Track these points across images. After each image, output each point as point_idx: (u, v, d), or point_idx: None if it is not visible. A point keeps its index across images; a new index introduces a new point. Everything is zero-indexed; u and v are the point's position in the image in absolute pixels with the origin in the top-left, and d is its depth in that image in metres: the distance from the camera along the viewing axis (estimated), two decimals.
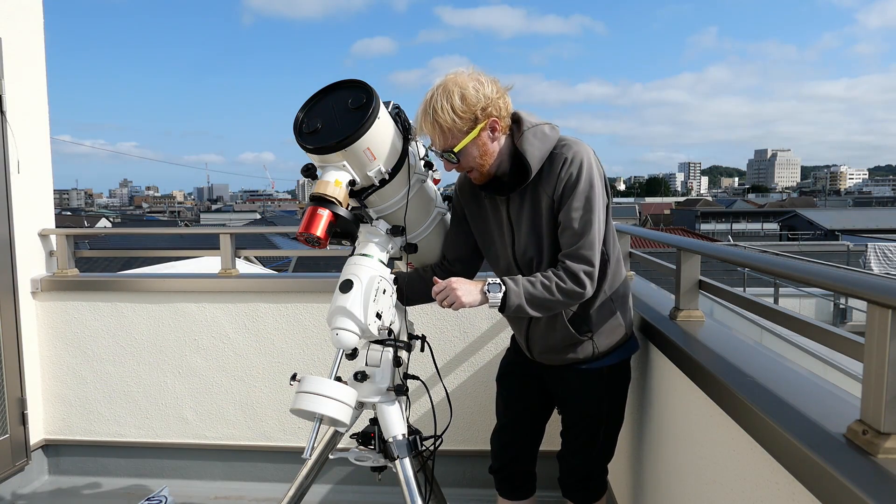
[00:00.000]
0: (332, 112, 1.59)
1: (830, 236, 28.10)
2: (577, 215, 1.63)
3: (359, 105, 1.57)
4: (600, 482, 1.96)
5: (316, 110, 1.61)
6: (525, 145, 1.65)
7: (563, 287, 1.62)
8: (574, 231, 1.63)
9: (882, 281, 0.96)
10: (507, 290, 1.60)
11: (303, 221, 1.54)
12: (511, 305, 1.60)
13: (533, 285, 1.62)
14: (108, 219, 47.04)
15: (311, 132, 1.57)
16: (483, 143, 1.63)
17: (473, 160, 1.64)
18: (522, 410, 1.99)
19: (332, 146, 1.52)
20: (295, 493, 1.85)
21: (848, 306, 10.41)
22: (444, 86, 1.59)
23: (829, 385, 1.25)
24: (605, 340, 1.79)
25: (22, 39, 3.02)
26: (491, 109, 1.60)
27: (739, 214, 46.71)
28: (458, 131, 1.59)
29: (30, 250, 3.10)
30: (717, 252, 1.76)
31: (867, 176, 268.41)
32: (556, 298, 1.62)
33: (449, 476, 2.31)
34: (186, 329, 3.05)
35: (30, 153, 3.06)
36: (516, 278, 1.63)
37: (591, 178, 1.65)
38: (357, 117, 1.54)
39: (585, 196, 1.64)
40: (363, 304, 1.63)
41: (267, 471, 3.09)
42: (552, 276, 1.63)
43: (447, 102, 1.56)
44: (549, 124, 1.71)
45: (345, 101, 1.59)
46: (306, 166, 1.61)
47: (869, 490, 0.85)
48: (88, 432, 3.15)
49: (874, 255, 15.31)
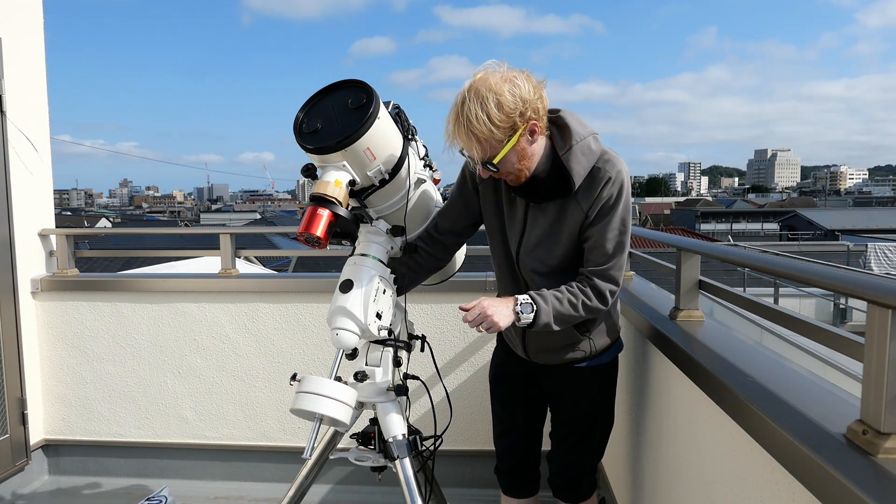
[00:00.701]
0: (332, 112, 1.58)
1: (830, 236, 28.10)
2: (612, 236, 1.62)
3: (359, 105, 1.56)
4: (591, 480, 1.97)
5: (316, 110, 1.60)
6: (572, 163, 1.58)
7: (589, 305, 1.63)
8: (607, 251, 1.63)
9: (882, 281, 0.96)
10: (539, 310, 1.59)
11: (303, 221, 1.53)
12: (540, 324, 1.60)
13: (560, 303, 1.61)
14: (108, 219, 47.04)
15: (311, 132, 1.56)
16: (522, 149, 1.54)
17: (513, 166, 1.56)
18: (523, 412, 1.99)
19: (332, 146, 1.51)
20: (295, 493, 1.85)
21: (848, 306, 10.41)
22: (476, 90, 1.47)
23: (829, 385, 1.25)
24: (600, 340, 1.81)
25: (22, 39, 3.02)
26: (530, 113, 1.50)
27: (739, 214, 46.73)
28: (496, 141, 1.50)
29: (30, 250, 3.10)
30: (717, 252, 1.76)
31: (867, 176, 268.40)
32: (579, 315, 1.64)
33: (449, 476, 2.31)
34: (186, 329, 3.05)
35: (30, 153, 3.06)
36: (544, 295, 1.61)
37: (629, 202, 1.65)
38: (357, 117, 1.54)
39: (621, 218, 1.63)
40: (363, 304, 1.62)
41: (267, 471, 3.09)
42: (579, 293, 1.63)
43: (482, 112, 1.45)
44: (593, 135, 1.64)
45: (345, 101, 1.58)
46: (306, 166, 1.60)
47: (869, 490, 0.85)
48: (88, 432, 3.15)
49: (874, 255, 15.31)
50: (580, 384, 1.85)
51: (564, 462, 1.93)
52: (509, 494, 2.04)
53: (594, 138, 1.63)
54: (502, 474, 2.03)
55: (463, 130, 1.48)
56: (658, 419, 1.90)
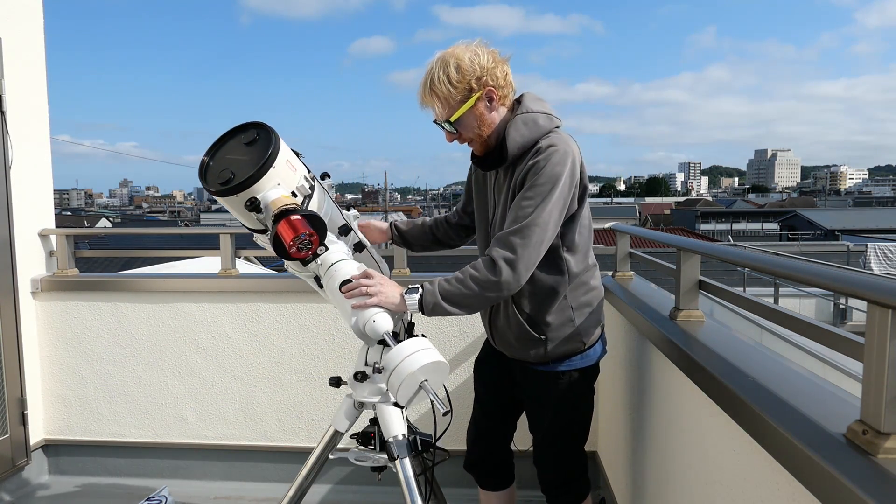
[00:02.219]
0: (235, 155, 1.61)
1: (830, 236, 28.09)
2: (525, 203, 1.59)
3: (252, 139, 1.60)
4: (582, 483, 1.94)
5: (218, 161, 1.61)
6: (510, 129, 1.67)
7: (477, 277, 1.57)
8: (515, 217, 1.59)
9: (882, 281, 0.96)
10: (423, 292, 1.58)
11: (286, 233, 1.50)
12: (427, 304, 1.58)
13: (448, 282, 1.60)
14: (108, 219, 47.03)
15: (226, 181, 1.55)
16: (481, 113, 1.67)
17: (472, 130, 1.68)
18: (494, 402, 2.03)
19: (263, 165, 1.52)
20: (295, 493, 1.85)
21: (848, 306, 10.41)
22: (441, 57, 1.64)
23: (829, 385, 1.25)
24: (557, 346, 1.77)
25: (22, 39, 3.02)
26: (486, 78, 1.63)
27: (739, 214, 46.72)
28: (454, 101, 1.64)
29: (30, 250, 3.10)
30: (717, 252, 1.76)
31: (867, 176, 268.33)
32: (471, 291, 1.58)
33: (449, 476, 2.30)
34: (186, 329, 3.05)
35: (30, 153, 3.06)
36: (434, 280, 1.62)
37: (556, 176, 1.59)
38: (262, 142, 1.58)
39: (540, 189, 1.59)
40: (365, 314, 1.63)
41: (267, 471, 3.09)
42: (467, 268, 1.61)
43: (443, 73, 1.61)
44: (546, 115, 1.70)
45: (239, 143, 1.62)
46: (249, 200, 1.54)
47: (869, 490, 0.85)
48: (88, 432, 3.15)
49: (874, 255, 15.31)
50: (538, 388, 1.85)
51: (546, 472, 1.93)
52: (485, 488, 2.09)
53: (546, 117, 1.70)
54: (472, 467, 2.08)
55: (427, 90, 1.65)
56: (658, 419, 1.90)
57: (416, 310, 1.59)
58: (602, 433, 2.85)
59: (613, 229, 2.78)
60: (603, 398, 2.77)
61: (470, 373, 2.91)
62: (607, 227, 2.93)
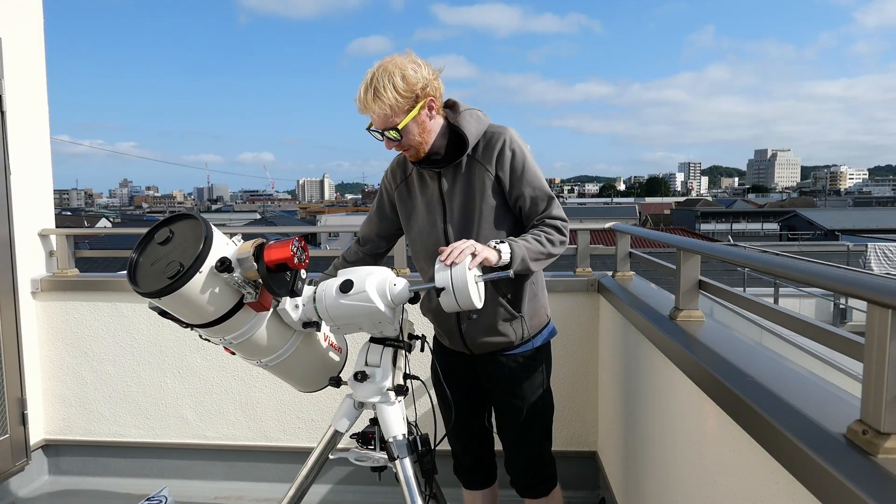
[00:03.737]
0: (161, 257, 1.49)
1: (830, 236, 28.09)
2: (536, 184, 1.83)
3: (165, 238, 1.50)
4: (552, 468, 2.04)
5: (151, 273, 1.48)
6: (463, 122, 1.82)
7: (553, 237, 1.78)
8: (539, 197, 1.83)
9: (882, 281, 0.96)
10: (513, 248, 1.69)
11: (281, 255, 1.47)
12: (517, 256, 1.69)
13: (528, 241, 1.74)
14: (108, 219, 47.03)
15: (175, 273, 1.42)
16: (423, 121, 1.76)
17: (413, 138, 1.76)
18: (471, 408, 2.05)
19: (207, 235, 1.44)
20: (295, 493, 1.85)
21: (848, 306, 10.41)
22: (383, 67, 1.71)
23: (829, 385, 1.25)
24: (531, 321, 1.92)
25: (22, 39, 3.02)
26: (429, 89, 1.74)
27: (739, 214, 46.72)
28: (399, 110, 1.71)
29: (30, 250, 3.10)
30: (717, 252, 1.76)
31: (867, 176, 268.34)
32: (547, 248, 1.76)
33: (449, 476, 2.31)
34: (186, 329, 3.04)
35: (30, 153, 3.06)
36: (513, 238, 1.74)
37: (529, 154, 1.86)
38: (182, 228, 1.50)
39: (534, 171, 1.84)
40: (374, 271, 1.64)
41: (267, 471, 3.09)
42: (539, 230, 1.79)
43: (389, 82, 1.67)
44: (481, 111, 1.89)
45: (154, 247, 1.51)
46: (220, 260, 1.45)
47: (869, 490, 0.85)
48: (88, 432, 3.15)
49: (874, 255, 15.31)
50: (515, 372, 1.92)
51: (521, 465, 1.99)
52: (471, 488, 2.15)
53: (482, 113, 1.89)
54: (462, 472, 2.14)
55: (371, 97, 1.69)
56: (658, 419, 1.90)
57: (507, 261, 1.67)
58: (602, 433, 2.85)
59: (613, 229, 2.78)
60: (603, 398, 2.77)
61: None
62: (607, 227, 2.93)
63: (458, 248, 1.58)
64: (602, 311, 2.80)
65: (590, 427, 2.92)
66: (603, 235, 3.42)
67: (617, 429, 2.49)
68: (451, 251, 1.57)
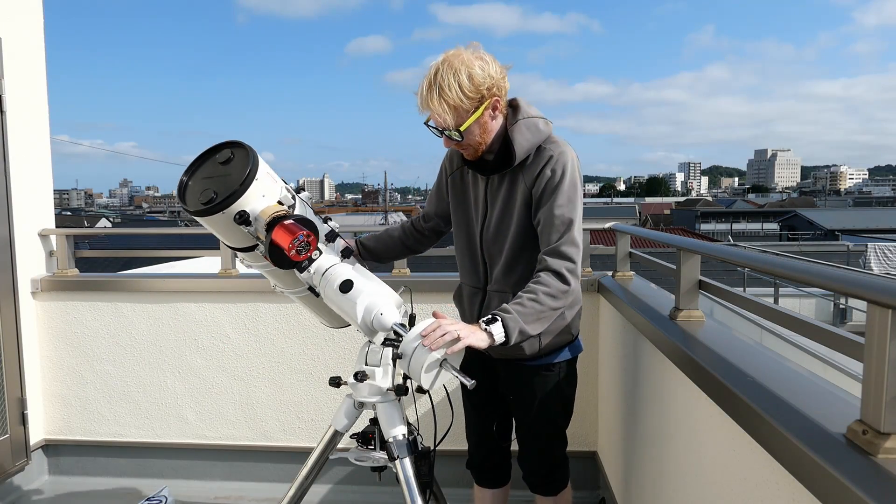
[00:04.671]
0: (214, 174, 1.59)
1: (830, 236, 28.09)
2: (560, 212, 1.68)
3: (228, 158, 1.59)
4: (564, 469, 2.03)
5: (196, 181, 1.60)
6: (516, 134, 1.71)
7: (551, 292, 1.62)
8: (556, 228, 1.67)
9: (882, 281, 0.96)
10: (505, 319, 1.56)
11: (282, 238, 1.49)
12: (511, 331, 1.56)
13: (521, 304, 1.60)
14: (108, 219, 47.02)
15: (208, 201, 1.53)
16: (485, 122, 1.68)
17: (474, 138, 1.69)
18: (490, 407, 2.05)
19: (246, 178, 1.51)
20: (295, 493, 1.85)
21: (848, 306, 10.41)
22: (448, 63, 1.61)
23: (829, 385, 1.25)
24: (550, 339, 1.84)
25: (22, 39, 3.02)
26: (495, 89, 1.65)
27: (739, 214, 46.73)
28: (463, 111, 1.63)
29: (30, 250, 3.10)
30: (717, 252, 1.76)
31: (867, 176, 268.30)
32: (545, 307, 1.62)
33: (449, 476, 2.31)
34: (186, 329, 3.05)
35: (30, 153, 3.06)
36: (504, 307, 1.60)
37: (574, 180, 1.71)
38: (239, 158, 1.57)
39: (568, 196, 1.69)
40: (374, 283, 1.66)
41: (267, 471, 3.09)
42: (533, 286, 1.63)
43: (454, 80, 1.59)
44: (543, 119, 1.76)
45: (214, 164, 1.60)
46: (240, 213, 1.53)
47: (869, 490, 0.85)
48: (88, 432, 3.15)
49: (874, 255, 15.32)
50: (531, 383, 1.90)
51: (533, 464, 1.99)
52: (482, 485, 2.13)
53: (545, 122, 1.76)
54: (473, 468, 2.12)
55: (435, 97, 1.60)
56: (658, 419, 1.90)
57: (503, 339, 1.56)
58: (602, 433, 2.85)
59: (613, 229, 2.78)
60: (603, 398, 2.77)
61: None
62: (607, 227, 2.93)
63: (441, 331, 1.49)
64: (602, 311, 2.80)
65: (590, 427, 2.92)
66: (603, 235, 3.42)
67: (617, 429, 2.49)
68: (433, 333, 1.48)
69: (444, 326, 1.51)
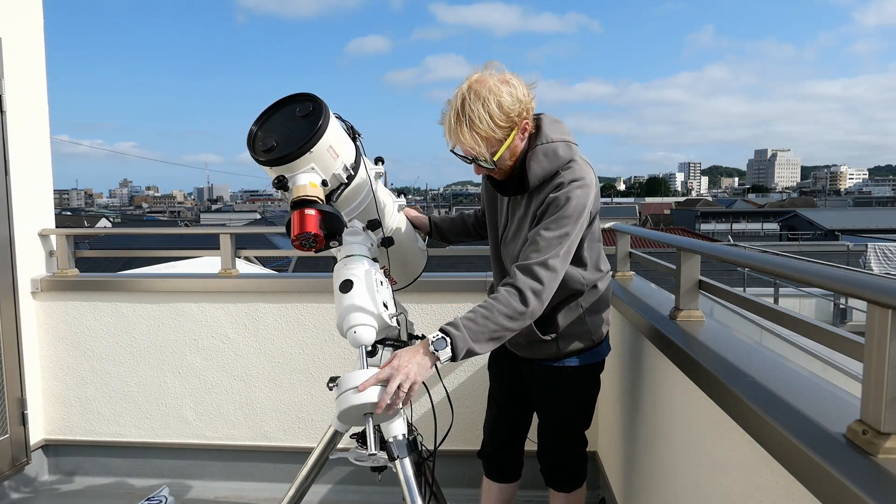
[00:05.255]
0: (285, 126, 1.59)
1: (830, 236, 28.09)
2: (548, 235, 1.60)
3: (307, 112, 1.58)
4: (581, 469, 2.03)
5: (267, 128, 1.61)
6: (532, 161, 1.67)
7: (505, 310, 1.53)
8: (538, 248, 1.59)
9: (882, 281, 0.96)
10: (453, 339, 1.49)
11: (294, 225, 1.52)
12: (459, 352, 1.49)
13: (474, 321, 1.52)
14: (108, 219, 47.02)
15: (268, 150, 1.55)
16: (515, 146, 1.66)
17: (505, 163, 1.67)
18: (509, 399, 2.07)
19: (299, 149, 1.51)
20: (295, 493, 1.85)
21: (848, 306, 10.41)
22: (476, 91, 1.56)
23: (829, 385, 1.25)
24: (568, 344, 1.84)
25: (22, 39, 3.02)
26: (525, 113, 1.62)
27: (739, 214, 46.71)
28: (496, 140, 1.60)
29: (30, 250, 3.10)
30: (717, 252, 1.76)
31: (867, 176, 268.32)
32: (500, 325, 1.53)
33: (449, 476, 2.31)
34: (186, 329, 3.05)
35: (30, 153, 3.06)
36: (456, 322, 1.53)
37: (580, 210, 1.63)
38: (312, 119, 1.55)
39: (562, 223, 1.61)
40: (370, 296, 1.62)
41: (267, 471, 3.09)
42: (492, 302, 1.55)
43: (484, 111, 1.54)
44: (565, 143, 1.69)
45: (292, 113, 1.60)
46: (277, 178, 1.55)
47: (869, 490, 0.85)
48: (88, 432, 3.15)
49: (874, 255, 15.33)
50: (548, 382, 1.90)
51: (550, 460, 2.00)
52: (491, 478, 2.13)
53: (565, 146, 1.69)
54: (484, 457, 2.13)
55: (466, 130, 1.56)
56: (658, 419, 1.90)
57: (451, 361, 1.51)
58: (602, 433, 2.85)
59: (613, 229, 2.78)
60: (603, 398, 2.77)
61: (470, 373, 2.92)
62: (607, 227, 2.93)
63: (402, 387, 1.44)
64: None
65: (590, 427, 2.92)
66: (603, 235, 3.42)
67: (617, 429, 2.49)
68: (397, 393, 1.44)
69: (391, 386, 1.44)
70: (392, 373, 1.46)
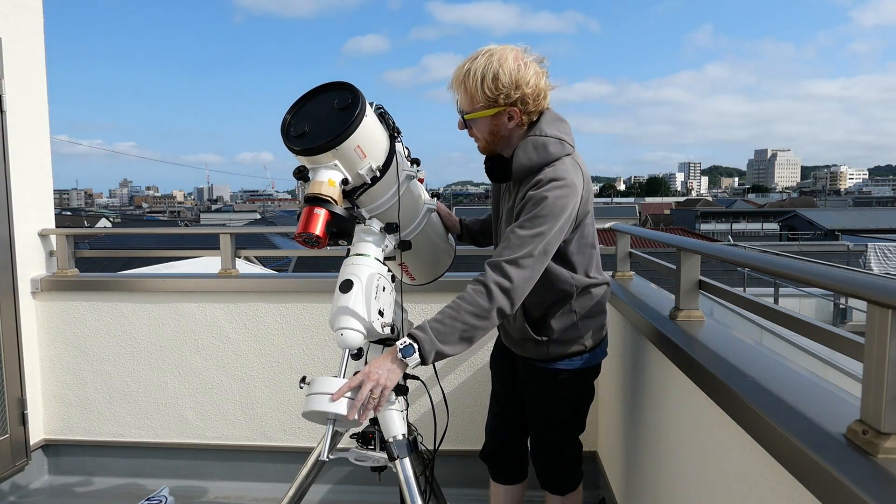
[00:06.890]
0: (319, 114, 1.58)
1: (830, 236, 28.09)
2: (522, 233, 1.57)
3: (345, 105, 1.56)
4: (574, 473, 2.02)
5: (303, 113, 1.60)
6: (520, 150, 1.68)
7: (471, 309, 1.51)
8: (511, 245, 1.57)
9: (882, 281, 0.96)
10: (420, 343, 1.49)
11: (300, 222, 1.53)
12: (428, 356, 1.49)
13: (441, 322, 1.51)
14: (108, 219, 47.02)
15: (299, 135, 1.56)
16: (495, 125, 1.68)
17: (481, 132, 1.71)
18: (507, 397, 2.06)
19: (322, 146, 1.51)
20: (295, 493, 1.85)
21: (848, 306, 10.41)
22: (491, 53, 1.61)
23: (829, 385, 1.25)
24: (559, 347, 1.83)
25: (22, 39, 3.02)
26: (518, 102, 1.63)
27: (739, 214, 46.73)
28: (476, 101, 1.64)
29: (30, 250, 3.10)
30: (717, 252, 1.76)
31: (867, 176, 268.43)
32: (468, 324, 1.51)
33: (449, 476, 2.31)
34: (186, 329, 3.05)
35: (30, 153, 3.06)
36: (423, 325, 1.52)
37: (559, 210, 1.58)
38: (345, 116, 1.54)
39: (540, 222, 1.57)
40: (365, 303, 1.61)
41: (267, 471, 3.09)
42: (457, 301, 1.54)
43: (481, 72, 1.60)
44: (559, 140, 1.67)
45: (331, 102, 1.58)
46: (298, 168, 1.58)
47: (869, 490, 0.85)
48: (88, 432, 3.15)
49: (874, 255, 15.33)
50: (538, 383, 1.90)
51: (543, 460, 2.00)
52: (496, 480, 2.13)
53: (559, 143, 1.67)
54: (486, 458, 2.12)
55: (461, 75, 1.64)
56: (658, 419, 1.90)
57: (422, 364, 1.51)
58: (602, 433, 2.85)
59: (613, 229, 2.78)
60: (603, 398, 2.77)
61: (469, 373, 2.92)
62: (607, 227, 2.93)
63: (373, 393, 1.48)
64: None
65: (589, 427, 2.91)
66: (603, 235, 3.43)
67: (617, 429, 2.49)
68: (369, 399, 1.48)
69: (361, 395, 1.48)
70: (363, 379, 1.50)
